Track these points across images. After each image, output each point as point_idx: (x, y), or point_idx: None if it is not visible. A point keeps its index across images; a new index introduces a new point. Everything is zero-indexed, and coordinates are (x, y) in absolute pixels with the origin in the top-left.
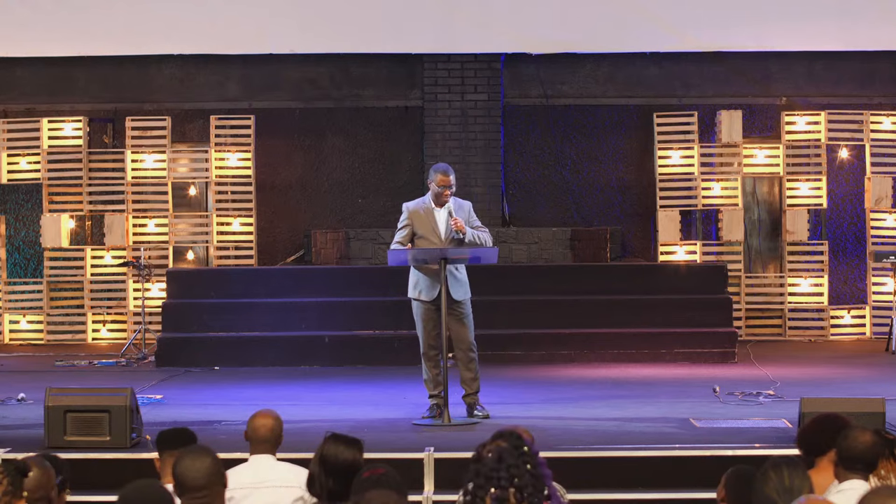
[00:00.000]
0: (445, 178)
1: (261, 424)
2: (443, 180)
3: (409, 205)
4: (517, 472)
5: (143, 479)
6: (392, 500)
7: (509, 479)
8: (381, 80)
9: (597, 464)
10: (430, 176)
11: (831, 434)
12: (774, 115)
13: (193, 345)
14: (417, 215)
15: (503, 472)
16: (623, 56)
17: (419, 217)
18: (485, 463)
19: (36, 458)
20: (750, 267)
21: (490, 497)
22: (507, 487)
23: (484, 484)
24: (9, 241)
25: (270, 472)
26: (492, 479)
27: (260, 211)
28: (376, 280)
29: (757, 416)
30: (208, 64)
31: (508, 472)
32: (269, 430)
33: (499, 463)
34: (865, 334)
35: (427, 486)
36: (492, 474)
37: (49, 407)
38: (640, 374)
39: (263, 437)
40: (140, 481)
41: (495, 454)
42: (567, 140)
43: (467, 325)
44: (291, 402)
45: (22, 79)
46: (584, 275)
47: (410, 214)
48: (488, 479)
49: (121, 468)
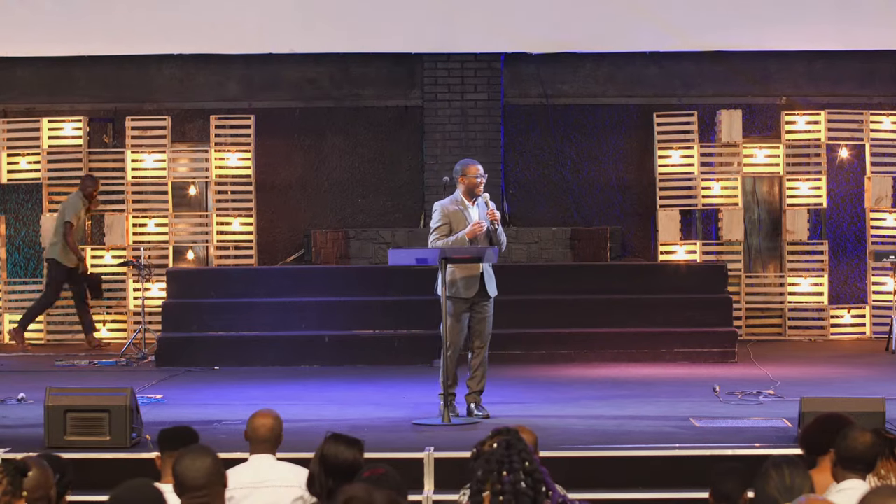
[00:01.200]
0: (478, 168)
1: (260, 424)
2: (476, 171)
3: (443, 203)
4: (518, 465)
5: (136, 479)
6: (369, 493)
7: (510, 468)
8: (381, 79)
9: (597, 464)
10: (458, 171)
11: (833, 434)
12: (774, 114)
13: (193, 345)
14: (454, 214)
15: (505, 463)
16: (623, 56)
17: (454, 214)
18: (485, 455)
19: (35, 457)
20: (750, 267)
21: (490, 484)
22: (510, 474)
23: (484, 472)
24: (9, 241)
25: (270, 471)
26: (492, 472)
27: (260, 211)
28: (376, 280)
29: (757, 416)
30: (208, 64)
31: (510, 462)
32: (269, 429)
33: (506, 450)
34: (865, 334)
35: (427, 486)
36: (491, 466)
37: (49, 407)
38: (640, 373)
39: (263, 436)
40: (132, 481)
41: (500, 444)
42: (567, 140)
43: (491, 322)
44: (291, 402)
45: (22, 79)
46: (584, 274)
47: (447, 213)
48: (488, 471)
49: (121, 468)
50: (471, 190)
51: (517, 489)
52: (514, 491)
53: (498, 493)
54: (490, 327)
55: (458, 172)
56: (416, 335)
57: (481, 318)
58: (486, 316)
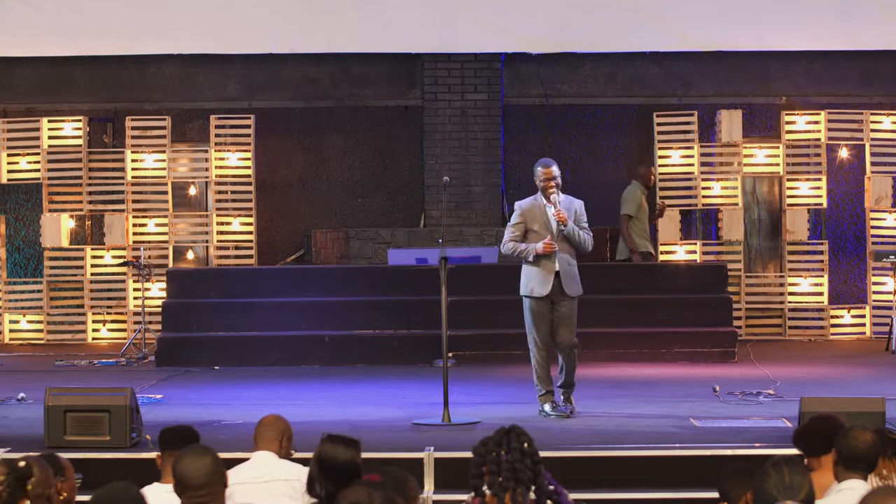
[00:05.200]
0: (547, 170)
1: (265, 423)
2: (545, 173)
3: (522, 203)
4: (516, 444)
5: (117, 482)
6: (370, 496)
7: (508, 448)
8: (381, 79)
9: (597, 464)
10: (534, 173)
11: (826, 435)
12: (774, 114)
13: (193, 345)
14: (530, 212)
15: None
16: (623, 56)
17: (532, 213)
18: (484, 440)
19: (35, 457)
20: (750, 267)
21: (489, 464)
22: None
23: (482, 455)
24: (9, 241)
25: (269, 467)
26: (490, 452)
27: (260, 211)
28: (376, 280)
29: (757, 416)
30: (208, 64)
31: (508, 442)
32: (269, 425)
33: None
34: (865, 334)
35: (427, 486)
36: (490, 447)
37: (49, 407)
38: (640, 373)
39: (266, 435)
40: (114, 483)
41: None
42: (567, 140)
43: (570, 321)
44: (291, 402)
45: (22, 79)
46: (585, 275)
47: (523, 212)
48: (486, 452)
49: (121, 468)
50: (543, 190)
51: (515, 468)
52: (513, 469)
53: (496, 474)
54: (571, 326)
55: (534, 174)
56: (416, 335)
57: (559, 317)
58: (562, 314)
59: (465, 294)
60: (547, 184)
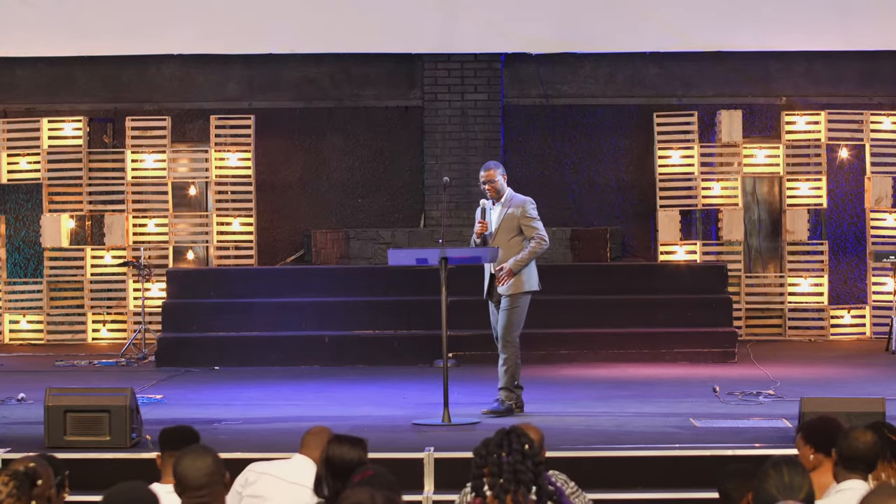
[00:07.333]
0: (484, 173)
1: (313, 431)
2: (482, 176)
3: (483, 200)
4: (517, 446)
5: (129, 482)
6: (372, 497)
7: (509, 449)
8: (381, 79)
9: (597, 464)
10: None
11: (831, 436)
12: (774, 114)
13: (193, 345)
14: (485, 210)
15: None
16: (623, 56)
17: (485, 212)
18: (485, 442)
19: (35, 458)
20: (750, 267)
21: (490, 466)
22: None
23: (483, 456)
24: (9, 241)
25: (304, 473)
26: (491, 454)
27: (260, 211)
28: (376, 280)
29: (757, 416)
30: (208, 64)
31: (509, 444)
32: (316, 435)
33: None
34: (865, 334)
35: (427, 486)
36: (490, 449)
37: (49, 407)
38: (640, 373)
39: (311, 443)
40: (125, 483)
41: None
42: (567, 140)
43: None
44: (292, 402)
45: (22, 79)
46: (584, 275)
47: (482, 208)
48: (487, 453)
49: (121, 468)
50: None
51: (516, 469)
52: (514, 471)
53: (498, 475)
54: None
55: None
56: (416, 335)
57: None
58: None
59: (465, 294)
60: (484, 187)
